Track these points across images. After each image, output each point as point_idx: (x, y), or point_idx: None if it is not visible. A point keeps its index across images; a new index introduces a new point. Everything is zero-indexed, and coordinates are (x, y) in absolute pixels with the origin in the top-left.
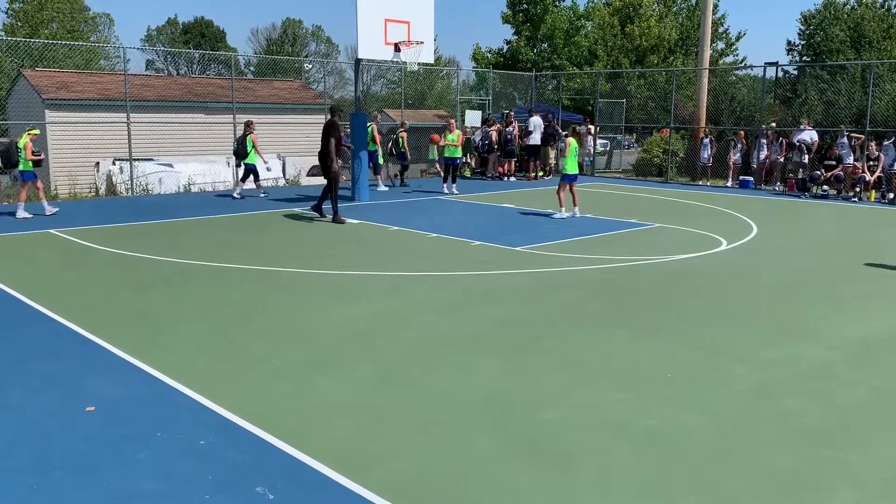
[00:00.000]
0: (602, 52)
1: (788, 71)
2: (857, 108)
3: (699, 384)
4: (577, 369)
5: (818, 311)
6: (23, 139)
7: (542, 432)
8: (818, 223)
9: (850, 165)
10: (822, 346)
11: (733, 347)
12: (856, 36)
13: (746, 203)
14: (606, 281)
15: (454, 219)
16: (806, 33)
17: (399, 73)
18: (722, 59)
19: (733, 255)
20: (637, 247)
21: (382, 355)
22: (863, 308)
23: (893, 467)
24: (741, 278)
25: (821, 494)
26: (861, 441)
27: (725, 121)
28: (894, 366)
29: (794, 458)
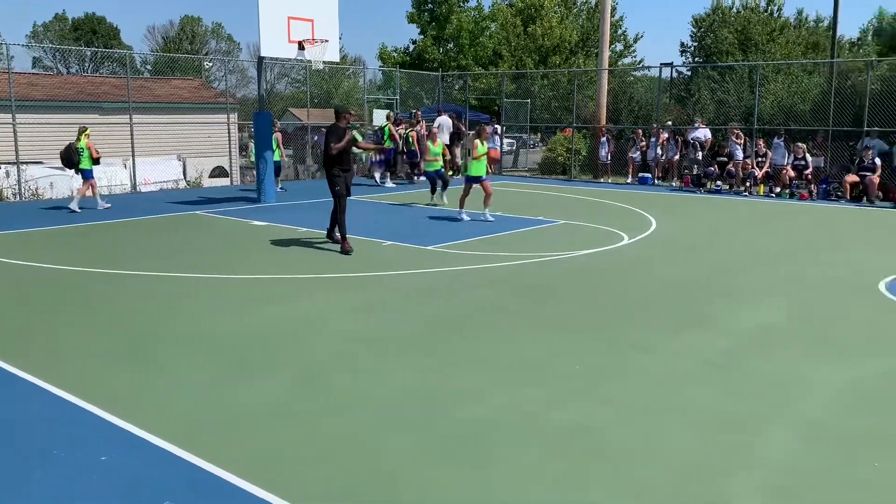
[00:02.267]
0: (506, 52)
1: (682, 71)
2: (746, 107)
3: (609, 376)
4: (492, 366)
5: (718, 300)
6: (83, 140)
7: (459, 431)
8: (713, 217)
9: (740, 161)
10: (723, 335)
11: (640, 339)
12: (743, 38)
13: (646, 199)
14: (517, 278)
15: (364, 219)
16: (697, 35)
17: (304, 71)
18: (621, 61)
19: (635, 250)
20: (544, 243)
21: (296, 360)
22: (759, 297)
23: (793, 450)
24: (644, 271)
25: (727, 479)
26: (762, 425)
27: (625, 120)
28: (790, 352)
29: (701, 444)
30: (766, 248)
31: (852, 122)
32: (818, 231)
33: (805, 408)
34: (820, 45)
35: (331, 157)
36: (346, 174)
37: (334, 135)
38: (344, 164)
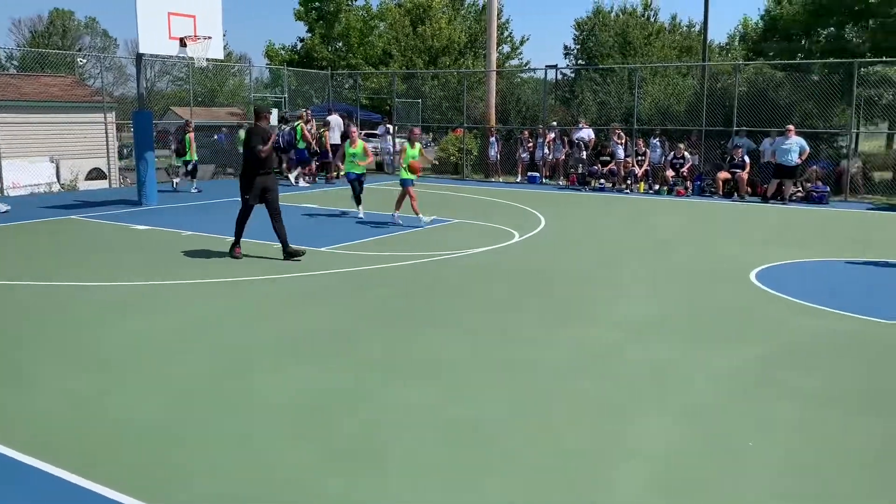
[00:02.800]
0: (397, 52)
1: (566, 73)
2: (626, 107)
3: (501, 371)
4: (385, 367)
5: (602, 294)
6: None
7: (353, 434)
8: (598, 213)
9: (621, 160)
10: (607, 326)
11: (529, 333)
12: (622, 42)
13: (535, 197)
14: (411, 277)
15: (252, 221)
16: (580, 38)
17: (186, 69)
18: (508, 62)
19: (525, 246)
20: (438, 242)
21: (180, 370)
22: (640, 289)
23: (674, 435)
24: (533, 267)
25: (613, 466)
26: (644, 413)
27: (513, 120)
28: (670, 341)
29: (588, 434)
30: (646, 243)
31: (723, 122)
32: (694, 225)
33: (685, 394)
34: (693, 49)
35: (253, 160)
36: (265, 178)
37: (258, 136)
38: (265, 167)
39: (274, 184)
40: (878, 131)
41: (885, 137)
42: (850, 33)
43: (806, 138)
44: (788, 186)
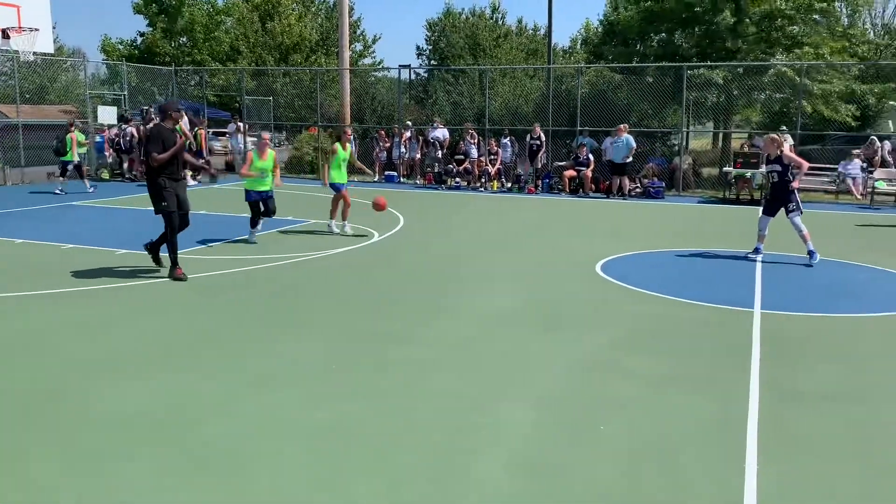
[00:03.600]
0: (245, 48)
1: (420, 73)
2: (478, 107)
3: (364, 371)
4: (243, 374)
5: (460, 289)
6: None
7: (212, 444)
8: (454, 212)
9: (475, 159)
10: (466, 320)
11: (392, 330)
12: (472, 43)
13: (393, 196)
14: (270, 280)
15: (93, 226)
16: (432, 39)
17: (10, 63)
18: (361, 61)
19: (385, 245)
20: (296, 244)
21: (14, 388)
22: (495, 283)
23: (532, 423)
24: (393, 266)
25: (475, 457)
26: (504, 403)
27: (368, 119)
28: (524, 332)
29: (450, 426)
30: (501, 239)
31: (568, 122)
32: (544, 221)
33: (541, 382)
34: (539, 52)
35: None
36: (175, 185)
37: (156, 141)
38: (174, 172)
39: (185, 192)
40: (705, 130)
41: (711, 136)
42: (680, 39)
43: (642, 137)
44: (623, 182)
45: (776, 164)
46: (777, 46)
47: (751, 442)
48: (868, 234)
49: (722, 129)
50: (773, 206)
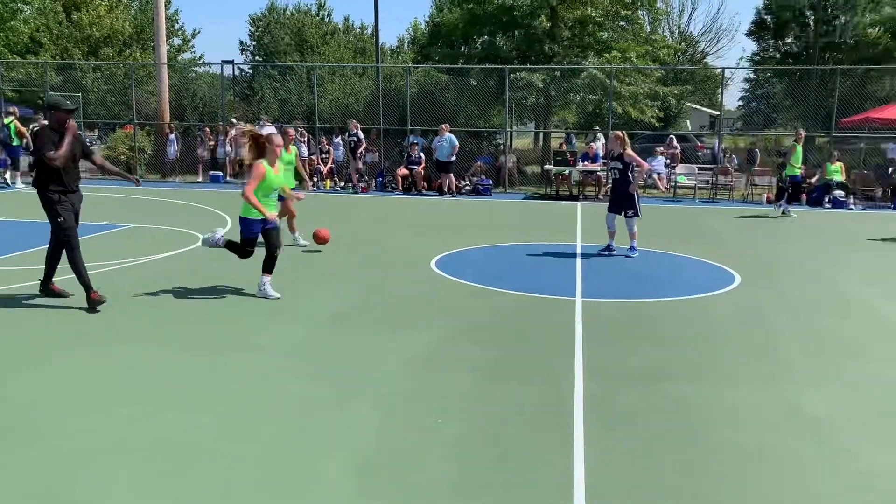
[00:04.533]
0: (48, 40)
1: (244, 69)
2: (307, 105)
3: (199, 382)
4: (66, 394)
5: (295, 290)
6: None
7: (32, 469)
8: None
9: (306, 158)
10: (303, 323)
11: (226, 339)
12: (299, 40)
13: (219, 198)
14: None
15: None
16: (256, 34)
17: None
18: (180, 56)
19: (210, 249)
20: (116, 250)
21: None
22: (332, 282)
23: (374, 424)
24: (220, 271)
25: (319, 462)
26: (346, 405)
27: (189, 117)
28: (363, 332)
29: (292, 433)
30: (334, 238)
31: (399, 121)
32: (378, 220)
33: (379, 381)
34: (367, 51)
35: (45, 171)
36: (71, 196)
37: (48, 141)
38: (67, 183)
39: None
40: (527, 130)
41: (532, 135)
42: (501, 42)
43: (470, 137)
44: (450, 180)
45: (618, 161)
46: (589, 50)
47: (578, 422)
48: (675, 224)
49: (542, 128)
50: (615, 204)
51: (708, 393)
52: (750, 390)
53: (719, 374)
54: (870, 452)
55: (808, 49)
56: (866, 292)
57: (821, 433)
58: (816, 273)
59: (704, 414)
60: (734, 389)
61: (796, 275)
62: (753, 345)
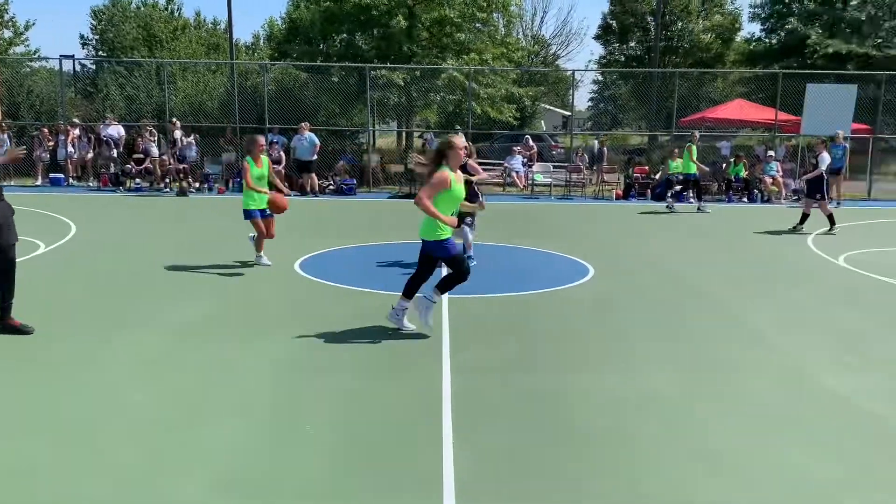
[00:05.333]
0: None
1: (86, 65)
2: (157, 103)
3: (40, 401)
4: None
5: (151, 297)
6: None
7: None
8: (137, 215)
9: (156, 158)
10: (160, 331)
11: (69, 351)
12: (147, 35)
13: (61, 202)
14: None
15: None
16: (98, 28)
17: None
18: (12, 49)
19: (55, 257)
20: None
21: None
22: (192, 290)
23: (236, 435)
24: (70, 279)
25: (178, 477)
26: (207, 416)
27: (25, 115)
28: (225, 339)
29: (149, 448)
30: (191, 242)
31: (256, 119)
32: (237, 222)
33: (242, 391)
34: (221, 47)
35: None
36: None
37: None
38: None
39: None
40: (390, 129)
41: (395, 135)
42: (360, 40)
43: (332, 136)
44: (312, 179)
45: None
46: (448, 51)
47: (446, 420)
48: (533, 220)
49: (405, 128)
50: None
51: (568, 381)
52: (607, 376)
53: (579, 363)
54: (721, 432)
55: (649, 53)
56: (710, 280)
57: (675, 415)
58: (663, 262)
59: (566, 402)
60: (592, 376)
61: (645, 265)
62: (609, 333)
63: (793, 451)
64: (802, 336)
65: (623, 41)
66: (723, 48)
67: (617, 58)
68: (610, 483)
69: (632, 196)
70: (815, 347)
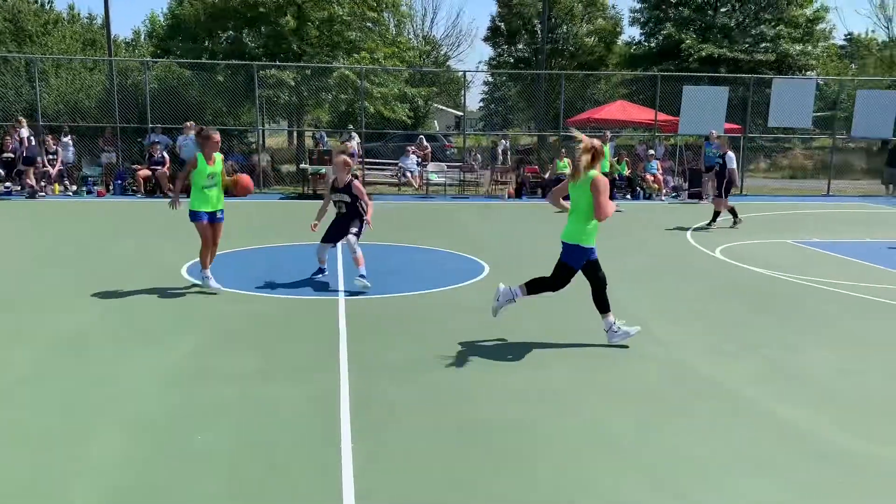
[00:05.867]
0: None
1: None
2: (27, 101)
3: None
4: None
5: (20, 310)
6: None
7: None
8: (6, 222)
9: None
10: (36, 346)
11: None
12: (14, 28)
13: None
14: None
15: None
16: None
17: None
18: None
19: None
20: None
21: None
22: (67, 300)
23: (124, 447)
24: None
25: (64, 493)
26: (91, 429)
27: None
28: (105, 349)
29: (33, 471)
30: (67, 249)
31: (138, 118)
32: (120, 226)
33: (128, 403)
34: (98, 43)
35: None
36: None
37: None
38: None
39: None
40: (280, 128)
41: (286, 134)
42: (247, 38)
43: (220, 135)
44: None
45: (344, 193)
46: (338, 50)
47: (344, 421)
48: (429, 220)
49: (296, 127)
50: (333, 234)
51: (466, 378)
52: (503, 372)
53: (475, 359)
54: (612, 418)
55: (537, 55)
56: None
57: (569, 405)
58: (555, 259)
59: (465, 398)
60: (489, 372)
61: (538, 262)
62: (504, 329)
63: (678, 436)
64: (684, 326)
65: (511, 43)
66: (605, 51)
67: (506, 59)
68: (508, 477)
69: (524, 195)
70: (695, 336)
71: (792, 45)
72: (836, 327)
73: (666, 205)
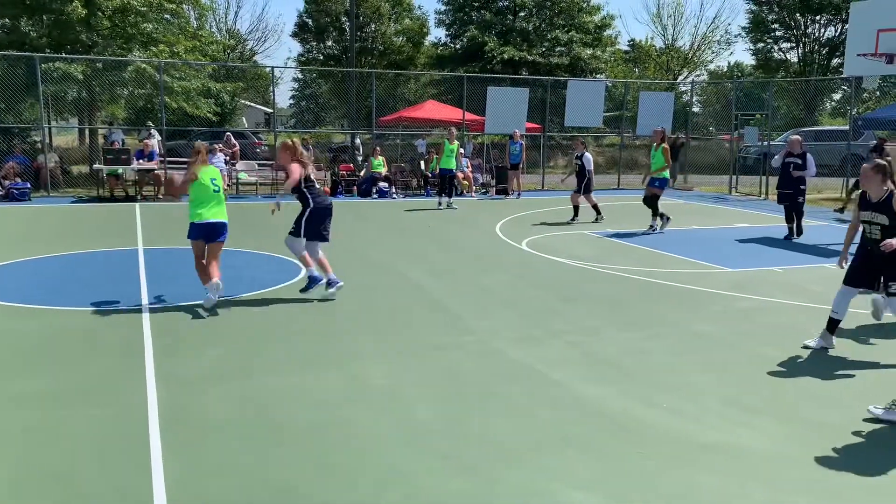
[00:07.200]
0: None
1: None
2: None
3: None
4: None
5: None
6: None
7: None
8: None
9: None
10: None
11: None
12: None
13: None
14: None
15: None
16: None
17: None
18: None
19: None
20: None
21: None
22: None
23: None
24: None
25: None
26: None
27: None
28: None
29: None
30: None
31: None
32: None
33: None
34: None
35: None
36: None
37: None
38: None
39: None
40: (70, 126)
41: (77, 132)
42: (27, 27)
43: None
44: None
45: None
46: (134, 42)
47: (154, 438)
48: (240, 221)
49: (87, 124)
50: None
51: (279, 382)
52: (317, 373)
53: (290, 363)
54: (427, 409)
55: (346, 53)
56: (414, 271)
57: (383, 400)
58: (370, 256)
59: (278, 403)
60: (305, 374)
61: (353, 260)
62: (320, 330)
63: (492, 418)
64: (496, 315)
65: (320, 40)
66: (414, 51)
67: (315, 56)
68: (328, 478)
69: (339, 193)
70: (506, 325)
71: (584, 49)
72: (630, 310)
73: (476, 200)
